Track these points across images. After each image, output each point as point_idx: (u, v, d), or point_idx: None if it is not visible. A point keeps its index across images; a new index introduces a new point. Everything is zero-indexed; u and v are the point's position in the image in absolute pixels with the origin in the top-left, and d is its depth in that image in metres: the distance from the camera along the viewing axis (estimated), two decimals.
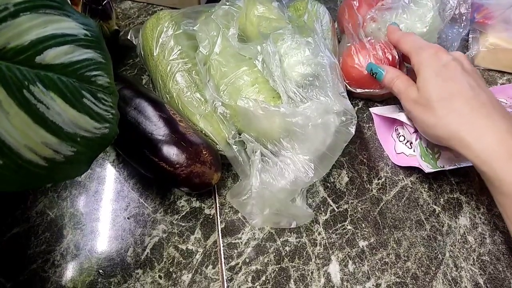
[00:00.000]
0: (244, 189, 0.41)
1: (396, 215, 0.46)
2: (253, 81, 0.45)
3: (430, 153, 0.47)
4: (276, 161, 0.39)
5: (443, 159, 0.47)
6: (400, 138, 0.51)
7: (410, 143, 0.49)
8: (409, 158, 0.49)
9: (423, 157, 0.46)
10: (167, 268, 0.40)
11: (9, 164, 0.26)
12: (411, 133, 0.48)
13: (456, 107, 0.40)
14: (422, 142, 0.47)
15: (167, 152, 0.40)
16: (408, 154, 0.49)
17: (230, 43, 0.47)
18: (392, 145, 0.52)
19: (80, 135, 0.30)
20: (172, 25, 0.51)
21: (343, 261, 0.42)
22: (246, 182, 0.41)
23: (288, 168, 0.38)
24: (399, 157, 0.50)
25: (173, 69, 0.48)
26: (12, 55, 0.27)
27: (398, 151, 0.51)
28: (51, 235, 0.41)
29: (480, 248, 0.44)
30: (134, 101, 0.43)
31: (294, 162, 0.39)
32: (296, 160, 0.38)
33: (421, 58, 0.44)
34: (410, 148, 0.49)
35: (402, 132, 0.51)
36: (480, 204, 0.48)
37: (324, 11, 0.57)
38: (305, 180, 0.38)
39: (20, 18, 0.27)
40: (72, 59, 0.30)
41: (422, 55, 0.44)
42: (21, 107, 0.26)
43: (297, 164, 0.38)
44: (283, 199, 0.40)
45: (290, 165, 0.39)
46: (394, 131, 0.52)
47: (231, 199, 0.43)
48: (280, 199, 0.39)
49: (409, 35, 0.48)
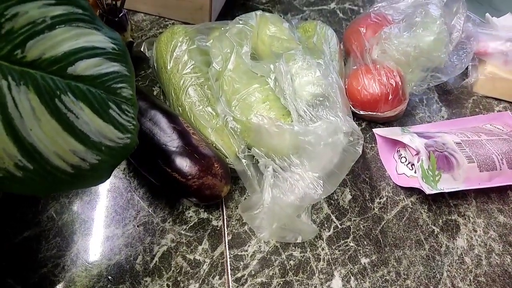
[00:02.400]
0: (256, 204, 0.42)
1: (397, 234, 0.47)
2: (265, 98, 0.46)
3: (431, 175, 0.48)
4: (286, 177, 0.41)
5: (444, 181, 0.48)
6: (402, 159, 0.53)
7: (411, 164, 0.51)
8: (410, 179, 0.51)
9: (424, 179, 0.48)
10: (175, 277, 0.41)
11: (38, 170, 0.27)
12: (413, 155, 0.50)
13: None
14: (424, 164, 0.49)
15: (180, 164, 0.41)
16: (409, 175, 0.51)
17: (243, 61, 0.49)
18: (394, 166, 0.53)
19: (105, 144, 0.31)
20: (186, 40, 0.53)
21: (346, 277, 0.43)
22: (257, 196, 0.42)
23: (298, 184, 0.40)
24: (400, 178, 0.52)
25: (186, 83, 0.50)
26: (46, 65, 0.28)
27: (400, 172, 0.52)
28: (62, 240, 0.42)
29: (477, 269, 0.46)
30: (149, 113, 0.44)
31: (303, 178, 0.40)
32: (306, 176, 0.40)
33: None
34: (411, 170, 0.51)
35: (404, 153, 0.53)
36: (477, 226, 0.49)
37: (332, 34, 0.59)
38: (314, 197, 0.40)
39: (56, 31, 0.29)
40: (101, 71, 0.31)
41: None
42: (53, 115, 0.27)
43: (306, 181, 0.40)
44: (290, 214, 0.41)
45: (300, 181, 0.40)
46: (396, 152, 0.54)
47: (242, 212, 0.45)
48: (288, 214, 0.40)
49: None
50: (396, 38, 0.56)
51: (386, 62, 0.56)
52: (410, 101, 0.60)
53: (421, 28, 0.56)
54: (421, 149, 0.49)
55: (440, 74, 0.59)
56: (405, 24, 0.57)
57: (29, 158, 0.26)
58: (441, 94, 0.65)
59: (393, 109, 0.56)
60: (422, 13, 0.57)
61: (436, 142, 0.50)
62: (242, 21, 0.53)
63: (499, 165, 0.50)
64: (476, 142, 0.52)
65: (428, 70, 0.59)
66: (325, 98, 0.44)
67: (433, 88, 0.66)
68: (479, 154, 0.50)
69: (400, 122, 0.60)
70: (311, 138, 0.39)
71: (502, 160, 0.51)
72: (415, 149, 0.49)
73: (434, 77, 0.59)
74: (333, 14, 0.77)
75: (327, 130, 0.40)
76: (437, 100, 0.64)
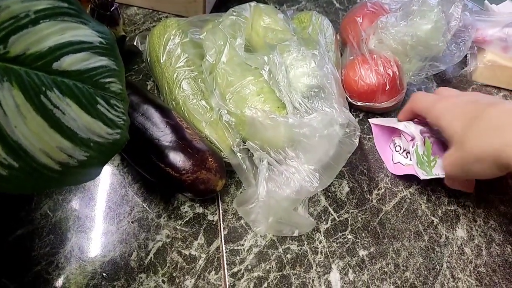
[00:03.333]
0: (251, 198, 0.41)
1: (395, 225, 0.47)
2: (259, 91, 0.46)
3: (426, 160, 0.48)
4: (281, 170, 0.40)
5: (439, 166, 0.48)
6: (397, 148, 0.52)
7: (406, 152, 0.50)
8: (405, 167, 0.50)
9: (419, 164, 0.48)
10: (170, 273, 0.40)
11: (24, 167, 0.27)
12: (408, 141, 0.49)
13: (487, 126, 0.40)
14: (419, 149, 0.48)
15: (174, 158, 0.41)
16: (405, 163, 0.50)
17: (237, 53, 0.48)
18: (390, 156, 0.53)
19: (93, 140, 0.30)
20: (179, 33, 0.52)
21: (344, 270, 0.43)
22: (252, 190, 0.41)
23: (294, 177, 0.39)
24: (396, 167, 0.52)
25: (180, 77, 0.49)
26: (30, 61, 0.27)
27: (395, 161, 0.52)
28: (55, 237, 0.41)
29: (477, 259, 0.45)
30: (141, 107, 0.44)
31: (299, 171, 0.39)
32: (301, 169, 0.39)
33: (431, 116, 0.47)
34: (407, 158, 0.51)
35: (399, 142, 0.52)
36: (476, 216, 0.49)
37: (327, 24, 0.58)
38: (310, 190, 0.39)
39: (40, 25, 0.28)
40: (88, 66, 0.31)
41: (430, 115, 0.47)
42: (38, 112, 0.27)
43: (302, 174, 0.39)
44: (286, 208, 0.40)
45: (295, 174, 0.39)
46: (391, 142, 0.54)
47: (237, 206, 0.44)
48: (284, 208, 0.40)
49: (413, 98, 0.51)
50: (393, 27, 0.55)
51: (383, 51, 0.55)
52: (408, 91, 0.59)
53: (418, 17, 0.55)
54: (416, 135, 0.49)
55: (439, 63, 0.58)
56: (402, 13, 0.57)
57: (14, 156, 0.26)
58: (440, 83, 0.64)
59: (390, 99, 0.55)
60: (419, 2, 0.56)
61: (431, 128, 0.50)
62: (235, 12, 0.52)
63: None
64: None
65: (426, 59, 0.58)
66: (320, 89, 0.44)
67: (431, 78, 0.65)
68: None
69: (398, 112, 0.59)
70: (306, 131, 0.39)
71: None
72: (410, 135, 0.49)
73: (432, 66, 0.58)
74: (330, 4, 0.75)
75: (322, 122, 0.39)
76: (436, 89, 0.63)
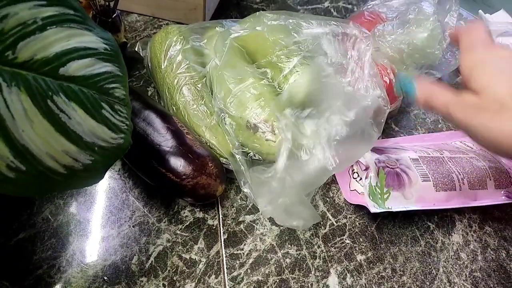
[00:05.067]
0: (269, 169, 0.41)
1: (392, 230, 0.48)
2: (258, 95, 0.46)
3: (379, 192, 0.46)
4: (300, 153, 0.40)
5: (393, 199, 0.46)
6: (354, 175, 0.50)
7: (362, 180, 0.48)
8: (361, 197, 0.48)
9: (371, 196, 0.46)
10: (171, 276, 0.41)
11: (31, 171, 0.27)
12: (362, 170, 0.48)
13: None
14: (372, 181, 0.46)
15: (174, 164, 0.41)
16: (360, 192, 0.48)
17: (238, 59, 0.49)
18: (347, 183, 0.50)
19: (98, 145, 0.31)
20: (181, 39, 0.53)
21: (342, 274, 0.43)
22: (270, 166, 0.41)
23: (311, 159, 0.39)
24: (352, 195, 0.49)
25: (180, 82, 0.50)
26: (38, 66, 0.28)
27: (352, 188, 0.49)
28: (57, 241, 0.41)
29: (472, 264, 0.46)
30: (143, 113, 0.44)
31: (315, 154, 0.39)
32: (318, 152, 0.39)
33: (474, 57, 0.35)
34: (363, 186, 0.48)
35: (356, 169, 0.50)
36: (472, 222, 0.50)
37: None
38: (329, 168, 0.38)
39: (47, 32, 0.29)
40: (93, 71, 0.31)
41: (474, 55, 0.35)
42: (45, 116, 0.27)
43: (319, 156, 0.39)
44: (299, 192, 0.39)
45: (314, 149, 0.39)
46: (350, 167, 0.51)
47: (251, 174, 0.42)
48: (297, 191, 0.39)
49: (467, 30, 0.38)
50: (389, 35, 0.56)
51: (380, 59, 0.56)
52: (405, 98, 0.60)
53: (415, 25, 0.56)
54: (371, 164, 0.47)
55: (434, 71, 0.59)
56: (398, 21, 0.58)
57: (21, 159, 0.26)
58: None
59: None
60: (415, 10, 0.57)
61: (388, 158, 0.48)
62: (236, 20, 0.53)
63: (459, 185, 0.47)
64: (436, 159, 0.49)
65: (423, 67, 0.59)
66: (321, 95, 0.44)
67: None
68: (437, 172, 0.48)
69: (395, 119, 0.60)
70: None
71: (463, 180, 0.48)
72: (364, 164, 0.48)
73: (428, 74, 0.59)
74: (327, 12, 0.77)
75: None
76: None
